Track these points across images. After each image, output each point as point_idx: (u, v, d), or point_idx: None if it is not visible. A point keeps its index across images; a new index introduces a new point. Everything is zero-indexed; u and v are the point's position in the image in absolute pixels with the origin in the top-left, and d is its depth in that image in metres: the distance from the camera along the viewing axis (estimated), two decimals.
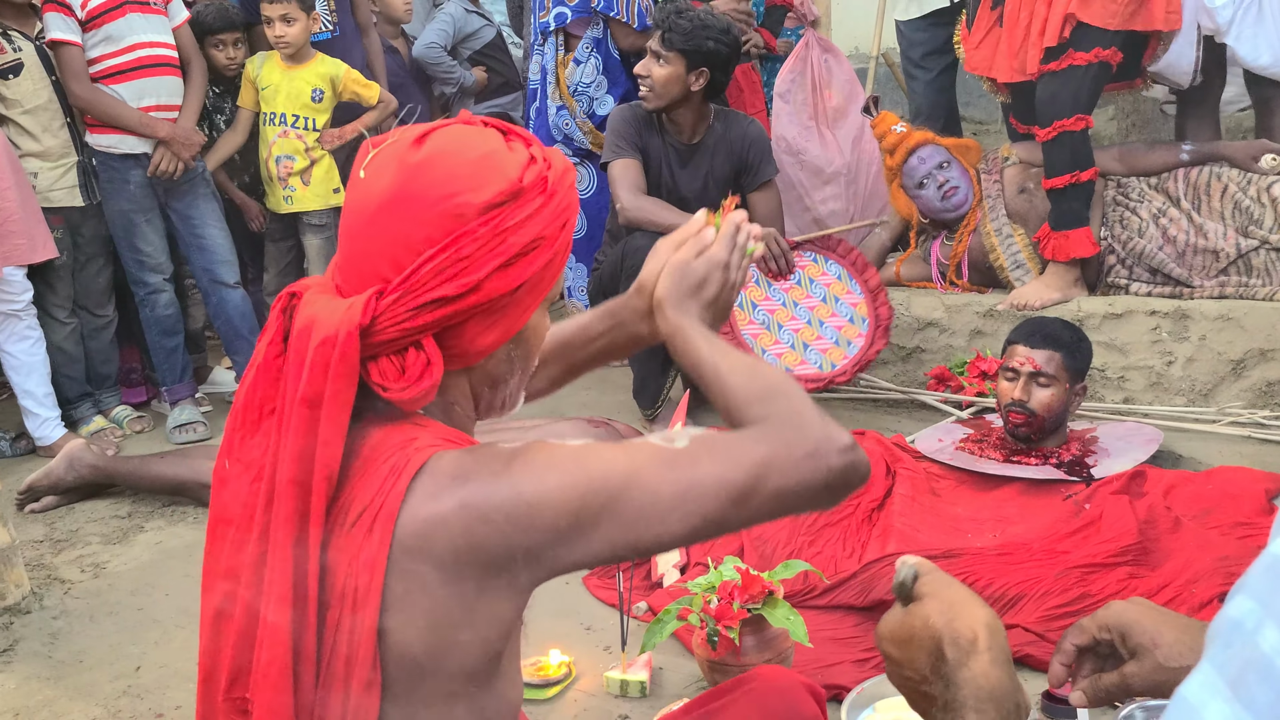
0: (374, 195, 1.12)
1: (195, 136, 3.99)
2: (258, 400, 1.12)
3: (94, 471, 3.44)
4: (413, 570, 1.04)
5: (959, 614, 0.93)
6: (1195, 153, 3.75)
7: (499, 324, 1.13)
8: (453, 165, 1.11)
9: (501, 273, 1.10)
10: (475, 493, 1.04)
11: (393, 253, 1.09)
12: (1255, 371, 3.35)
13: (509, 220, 1.10)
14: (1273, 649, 0.64)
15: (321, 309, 1.10)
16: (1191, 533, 2.56)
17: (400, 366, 1.09)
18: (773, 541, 2.66)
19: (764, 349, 3.47)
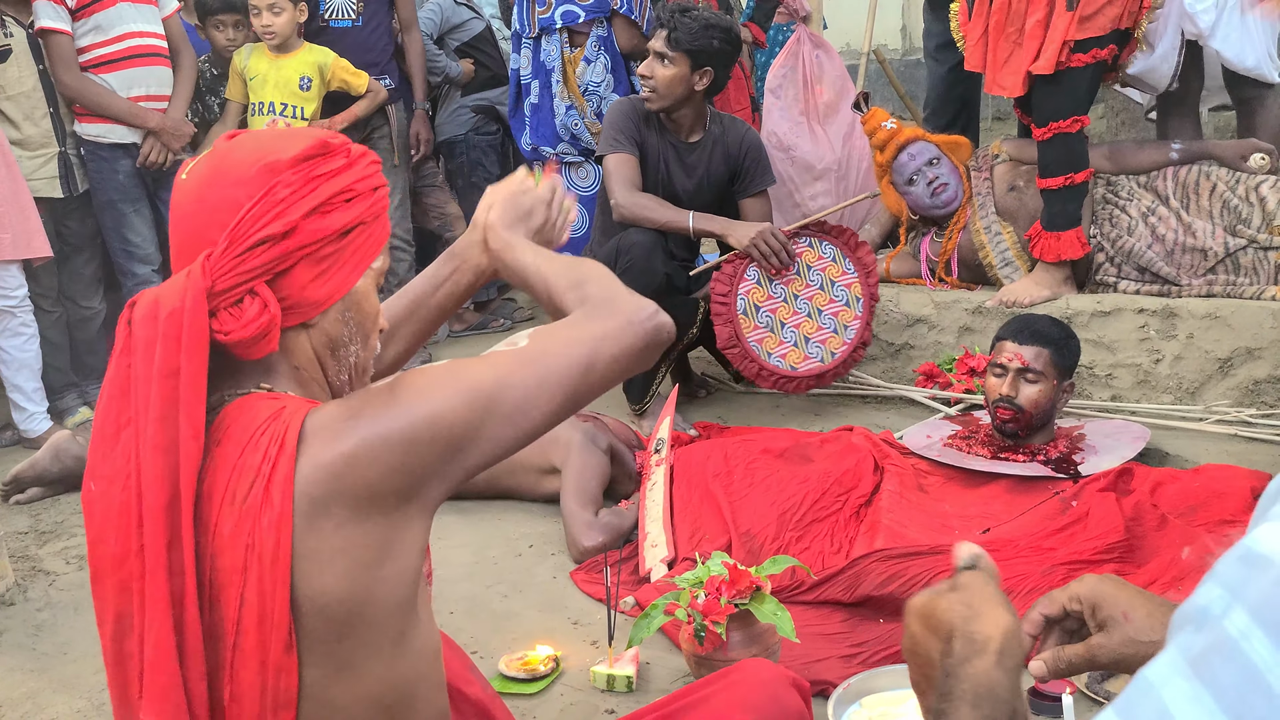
0: (196, 180, 1.20)
1: (184, 127, 3.97)
2: (114, 416, 1.14)
3: (79, 462, 3.42)
4: (325, 518, 1.09)
5: (982, 614, 0.93)
6: (1185, 151, 3.76)
7: (327, 276, 1.19)
8: (261, 139, 1.22)
9: (316, 216, 1.17)
10: (373, 425, 1.10)
11: (218, 219, 1.15)
12: (1242, 370, 3.36)
13: (318, 169, 1.18)
14: (1239, 633, 0.64)
15: (162, 291, 1.14)
16: (1177, 530, 2.56)
17: (238, 314, 1.14)
18: (760, 537, 2.67)
19: (769, 353, 3.49)
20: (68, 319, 4.07)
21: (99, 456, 1.15)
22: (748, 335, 3.47)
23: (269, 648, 1.09)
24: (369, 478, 1.09)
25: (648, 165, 3.60)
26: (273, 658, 1.09)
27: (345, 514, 1.09)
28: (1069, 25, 3.43)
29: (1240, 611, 0.65)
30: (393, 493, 1.11)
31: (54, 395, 4.00)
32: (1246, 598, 0.65)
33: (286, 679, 1.09)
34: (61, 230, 3.98)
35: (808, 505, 2.78)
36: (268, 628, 1.08)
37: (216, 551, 1.10)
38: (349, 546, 1.09)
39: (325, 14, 4.45)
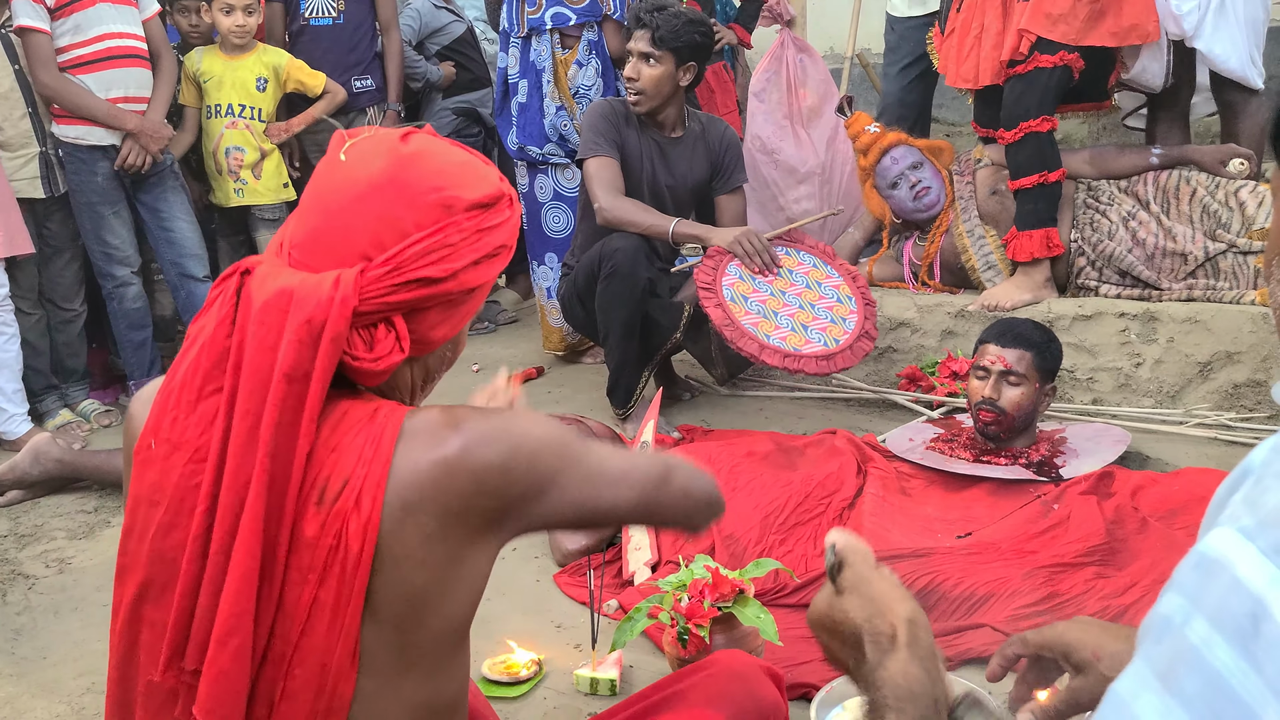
0: (361, 177, 1.15)
1: (163, 129, 3.95)
2: (199, 380, 1.11)
3: (60, 466, 3.40)
4: (413, 524, 1.08)
5: (879, 611, 0.94)
6: (1165, 156, 3.79)
7: (452, 318, 1.19)
8: (443, 163, 1.18)
9: (475, 268, 1.16)
10: (477, 438, 1.10)
11: (378, 232, 1.13)
12: (1222, 374, 3.39)
13: (489, 222, 1.17)
14: (1201, 641, 0.65)
15: (296, 283, 1.10)
16: (1158, 533, 2.58)
17: (369, 341, 1.12)
18: (744, 540, 2.67)
19: (767, 335, 3.32)
20: (48, 321, 4.04)
21: (169, 417, 1.12)
22: (742, 319, 3.33)
23: (334, 652, 1.08)
24: (463, 490, 1.09)
25: (630, 164, 3.59)
26: (335, 662, 1.08)
27: (432, 524, 1.08)
28: (1025, 14, 3.49)
29: (1199, 619, 0.66)
30: (479, 513, 1.11)
31: (34, 398, 3.97)
32: (1204, 605, 0.66)
33: (344, 685, 1.08)
34: (43, 231, 3.95)
35: (791, 508, 2.78)
36: (336, 632, 1.07)
37: (291, 548, 1.08)
38: (428, 557, 1.09)
39: (306, 12, 4.44)
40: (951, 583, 2.40)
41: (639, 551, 2.66)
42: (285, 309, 1.08)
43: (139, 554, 1.12)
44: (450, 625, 1.14)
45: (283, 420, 1.07)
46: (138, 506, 1.13)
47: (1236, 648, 0.64)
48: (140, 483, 1.13)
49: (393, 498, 1.07)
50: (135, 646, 1.13)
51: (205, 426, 1.10)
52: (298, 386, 1.07)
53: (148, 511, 1.12)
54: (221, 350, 1.11)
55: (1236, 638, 0.64)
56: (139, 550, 1.12)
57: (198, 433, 1.10)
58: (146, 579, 1.11)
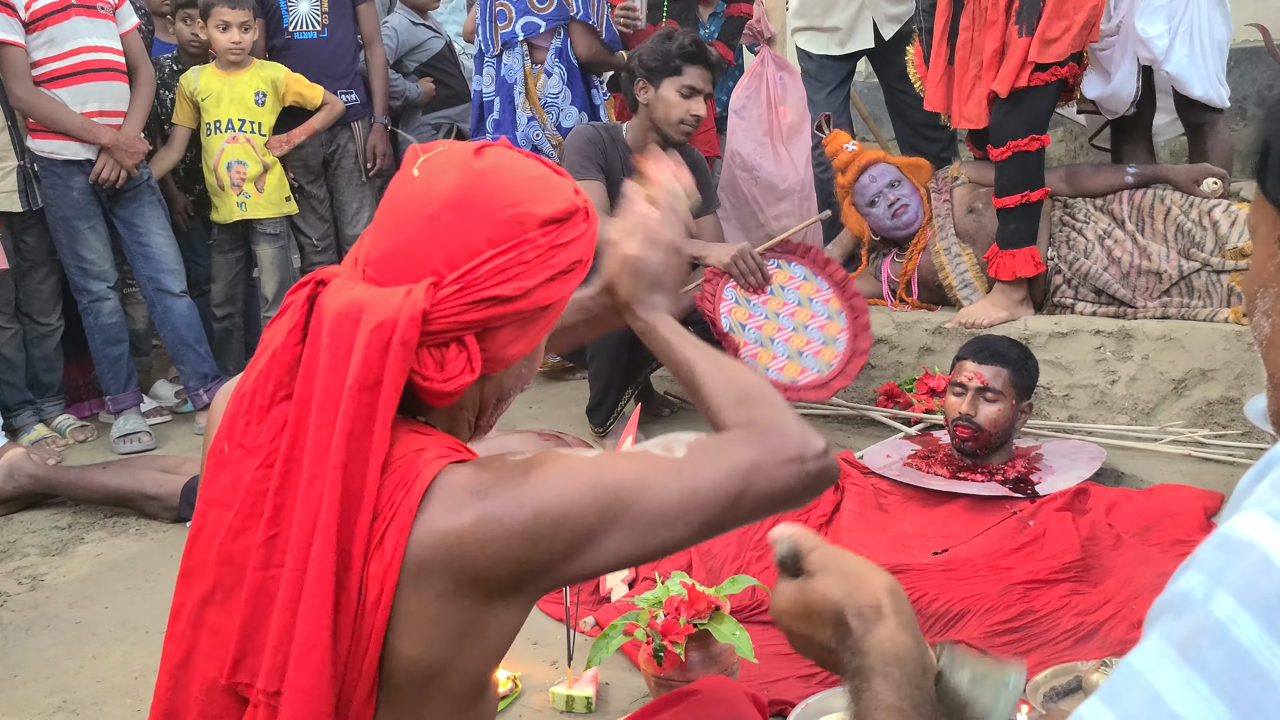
0: (435, 193, 1.14)
1: (139, 144, 3.93)
2: (270, 386, 1.11)
3: (34, 481, 3.38)
4: (428, 584, 1.05)
5: (859, 584, 0.94)
6: (1140, 175, 3.82)
7: (526, 335, 1.16)
8: (516, 178, 1.16)
9: (548, 285, 1.14)
10: (496, 508, 1.05)
11: (450, 249, 1.11)
12: (1196, 391, 3.41)
13: (563, 237, 1.15)
14: (1226, 616, 0.65)
15: (369, 296, 1.10)
16: (1132, 550, 2.59)
17: (439, 361, 1.11)
18: (720, 557, 2.67)
19: (766, 367, 3.45)
20: (25, 335, 4.01)
21: (242, 421, 1.11)
22: (741, 352, 3.42)
23: (354, 692, 1.06)
24: (480, 562, 1.05)
25: (613, 190, 3.60)
26: (354, 706, 1.06)
27: (448, 587, 1.05)
28: (1028, 49, 3.50)
29: (1225, 595, 0.66)
30: (500, 581, 1.06)
31: (9, 413, 3.94)
32: (1229, 582, 0.66)
33: None
34: (20, 245, 3.93)
35: (768, 524, 2.78)
36: (354, 673, 1.06)
37: None
38: (444, 617, 1.06)
39: (290, 26, 4.44)
40: (928, 599, 2.41)
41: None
42: (357, 319, 1.08)
43: (207, 557, 1.11)
44: (467, 682, 1.11)
45: (355, 430, 1.05)
46: (208, 509, 1.13)
47: (1264, 624, 0.64)
48: (212, 485, 1.13)
49: (412, 552, 1.04)
50: (194, 651, 1.11)
51: (276, 433, 1.10)
52: (369, 395, 1.06)
53: (218, 514, 1.11)
54: (293, 358, 1.11)
55: (1264, 615, 0.64)
56: (207, 553, 1.11)
57: (269, 438, 1.10)
58: (215, 582, 1.10)
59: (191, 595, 1.12)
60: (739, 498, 1.11)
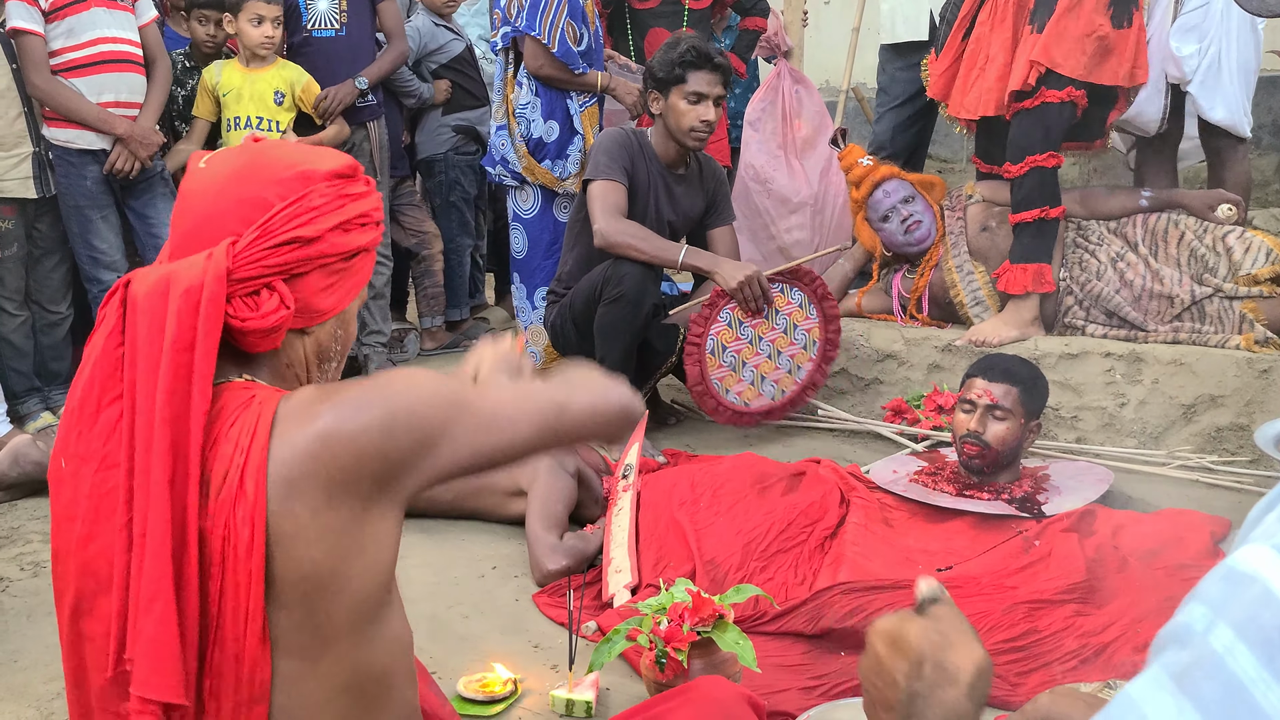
0: (220, 173, 1.23)
1: (154, 136, 3.94)
2: (96, 393, 1.13)
3: (38, 468, 3.38)
4: (299, 502, 1.09)
5: (955, 645, 0.94)
6: (1154, 199, 3.82)
7: (334, 290, 1.24)
8: (294, 149, 1.29)
9: (342, 231, 1.23)
10: (348, 408, 1.11)
11: (242, 211, 1.19)
12: (1205, 416, 3.40)
13: (349, 189, 1.25)
14: (1224, 648, 0.65)
15: (176, 268, 1.14)
16: (1138, 573, 2.58)
17: (254, 305, 1.16)
18: (725, 566, 2.66)
19: (727, 389, 3.58)
20: (34, 324, 4.02)
21: (73, 434, 1.14)
22: (712, 374, 3.55)
23: (245, 640, 1.08)
24: (344, 460, 1.10)
25: (638, 195, 3.61)
26: (248, 650, 1.08)
27: (319, 498, 1.09)
28: (1036, 47, 3.51)
29: (1224, 627, 0.66)
30: (367, 478, 1.11)
31: (15, 400, 3.94)
32: (1230, 614, 0.66)
33: (261, 671, 1.09)
34: (32, 232, 3.94)
35: (773, 535, 2.78)
36: (242, 619, 1.08)
37: (203, 539, 1.09)
38: (323, 532, 1.10)
39: (309, 24, 4.44)
40: None
41: (619, 574, 2.65)
42: (166, 290, 1.12)
43: (68, 573, 1.14)
44: (362, 596, 1.14)
45: (176, 388, 1.09)
46: (59, 527, 1.15)
47: (1262, 658, 0.64)
48: (57, 503, 1.16)
49: (275, 479, 1.09)
50: (83, 661, 1.14)
51: (109, 433, 1.12)
52: (186, 355, 1.10)
53: (68, 528, 1.14)
54: (114, 360, 1.13)
55: (1263, 649, 0.64)
56: (67, 569, 1.14)
57: (102, 442, 1.12)
58: (77, 593, 1.13)
59: (64, 612, 1.15)
60: (565, 405, 1.26)
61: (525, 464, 2.94)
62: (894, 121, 4.72)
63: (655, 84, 3.58)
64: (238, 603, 1.08)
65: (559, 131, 4.16)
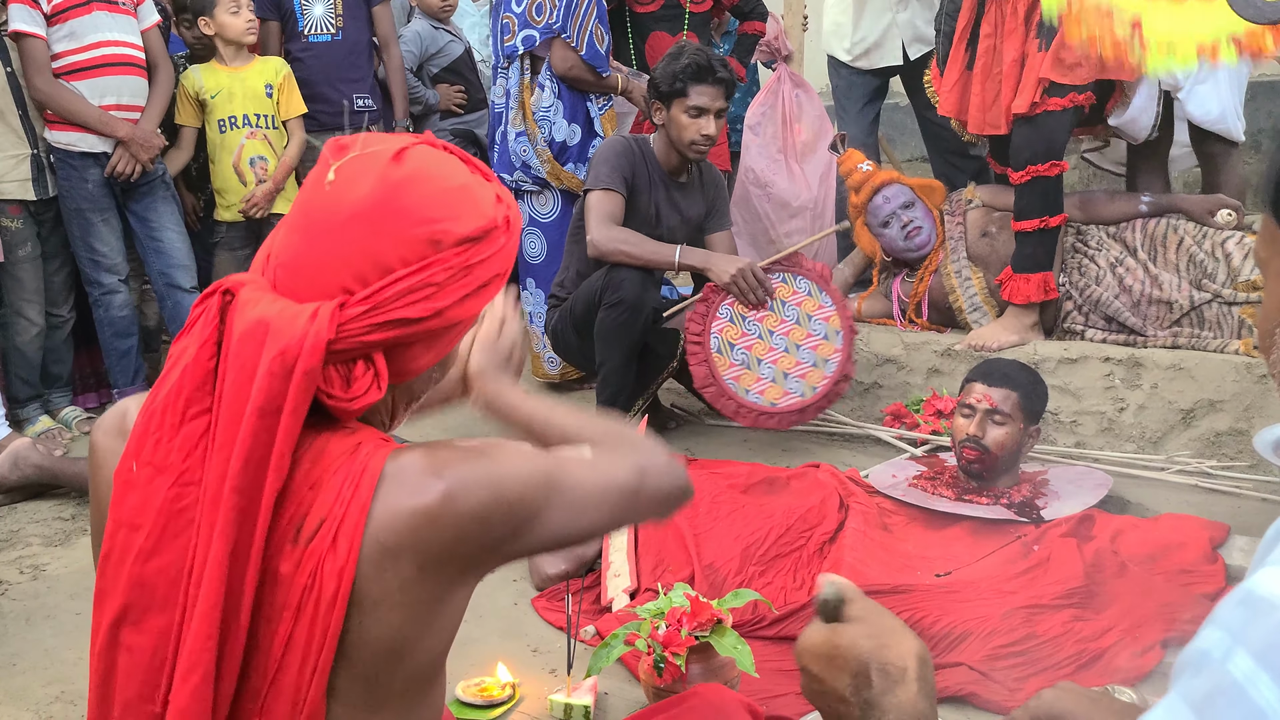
0: (346, 204, 1.10)
1: (155, 139, 3.95)
2: (182, 402, 1.08)
3: (39, 471, 3.38)
4: (391, 569, 1.05)
5: (890, 643, 0.93)
6: (1154, 204, 3.82)
7: (437, 347, 1.16)
8: (435, 190, 1.12)
9: (462, 303, 1.13)
10: (458, 487, 1.07)
11: (359, 265, 1.09)
12: (1204, 421, 3.40)
13: (478, 255, 1.13)
14: (1244, 676, 0.64)
15: (274, 314, 1.07)
16: (1137, 578, 2.58)
17: (346, 377, 1.10)
18: (723, 570, 2.66)
19: (746, 389, 3.45)
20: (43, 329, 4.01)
21: (151, 440, 1.09)
22: (723, 373, 3.44)
23: (307, 690, 1.06)
24: (446, 540, 1.07)
25: (639, 203, 3.61)
26: (309, 699, 1.06)
27: (411, 570, 1.06)
28: (1043, 64, 3.50)
29: (1243, 655, 0.65)
30: (460, 558, 1.09)
31: (16, 404, 3.95)
32: (1249, 641, 0.65)
33: (316, 718, 1.07)
34: (40, 231, 3.94)
35: (772, 540, 2.78)
36: (308, 670, 1.05)
37: (265, 583, 1.06)
38: (406, 601, 1.07)
39: (304, 29, 4.45)
40: (929, 620, 2.40)
41: (618, 578, 2.65)
42: (261, 341, 1.06)
43: (118, 578, 1.10)
44: (425, 662, 1.13)
45: (253, 456, 1.04)
46: (118, 530, 1.10)
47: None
48: (121, 507, 1.10)
49: (371, 542, 1.04)
50: (113, 670, 1.11)
51: (190, 450, 1.08)
52: (269, 421, 1.05)
53: (128, 536, 1.09)
54: (205, 373, 1.09)
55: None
56: (118, 575, 1.10)
57: (182, 457, 1.08)
58: (126, 604, 1.09)
59: (105, 617, 1.11)
60: (637, 493, 1.22)
61: None
62: (861, 124, 4.73)
63: (657, 95, 3.57)
64: (307, 655, 1.05)
65: (581, 134, 4.17)
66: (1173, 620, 2.38)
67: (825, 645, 0.95)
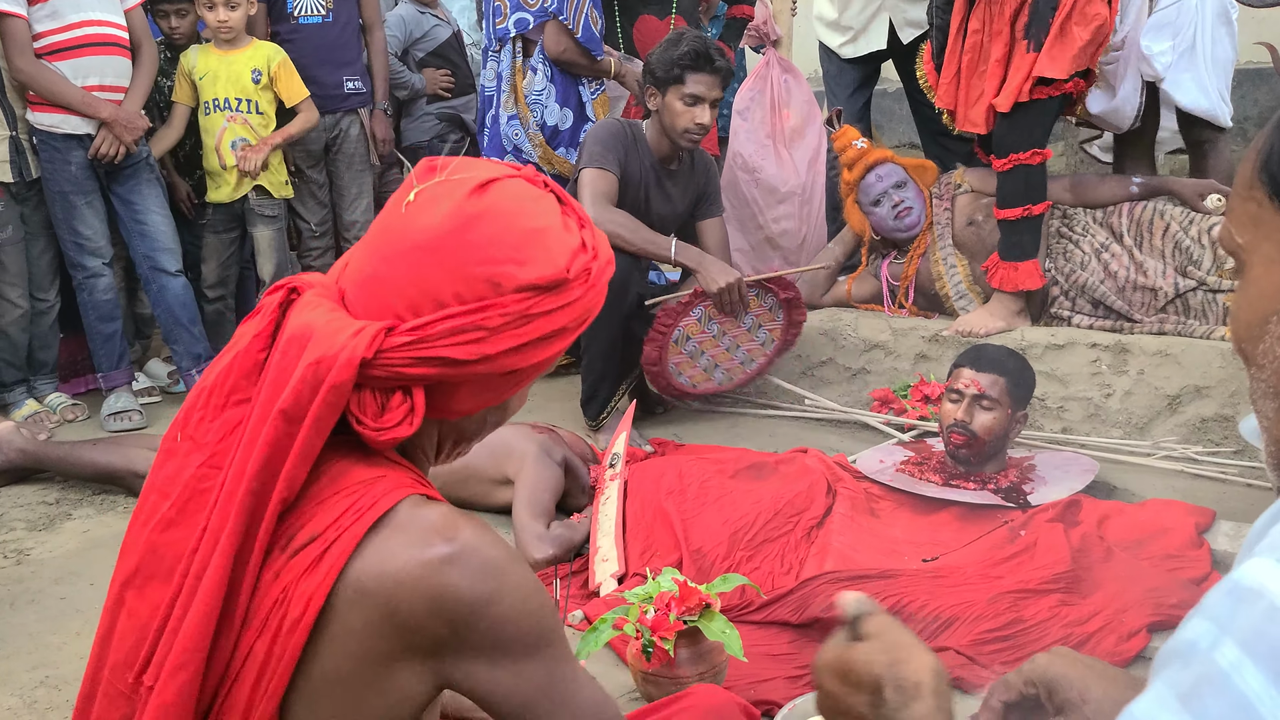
0: (416, 229, 1.08)
1: (139, 120, 3.91)
2: (228, 386, 1.09)
3: (23, 455, 3.36)
4: (359, 612, 1.02)
5: (905, 658, 0.92)
6: (1145, 186, 3.82)
7: (487, 394, 1.12)
8: (508, 229, 1.08)
9: (515, 353, 1.08)
10: (463, 562, 1.02)
11: (413, 294, 1.07)
12: (1190, 407, 3.41)
13: (541, 307, 1.07)
14: (1230, 665, 0.65)
15: (323, 322, 1.06)
16: (1123, 563, 2.59)
17: (381, 405, 1.07)
18: (711, 555, 2.66)
19: (680, 372, 3.65)
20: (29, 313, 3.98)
21: (196, 415, 1.10)
22: (670, 358, 3.59)
23: (257, 704, 1.04)
24: (419, 608, 1.01)
25: (629, 188, 3.60)
26: (259, 714, 1.04)
27: (376, 621, 1.02)
28: (1034, 63, 3.49)
29: (1230, 644, 0.65)
30: (426, 636, 1.03)
31: (2, 389, 3.92)
32: (1236, 630, 0.65)
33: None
34: (22, 213, 3.90)
35: (760, 525, 2.78)
36: (262, 685, 1.03)
37: (256, 593, 1.05)
38: (359, 652, 1.03)
39: (294, 10, 4.42)
40: (917, 605, 2.41)
41: (606, 563, 2.65)
42: (303, 346, 1.05)
43: (138, 540, 1.10)
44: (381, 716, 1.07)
45: (272, 460, 1.03)
46: (149, 494, 1.11)
47: (1268, 675, 0.63)
48: (158, 472, 1.11)
49: (353, 576, 1.01)
50: (113, 630, 1.11)
51: (226, 433, 1.08)
52: (292, 428, 1.03)
53: (156, 501, 1.10)
54: (254, 363, 1.09)
55: (1270, 665, 0.63)
56: (138, 537, 1.11)
57: (218, 438, 1.08)
58: (137, 566, 1.09)
59: (120, 575, 1.11)
60: None
61: (512, 452, 2.95)
62: (853, 109, 4.73)
63: (653, 81, 3.56)
64: (262, 673, 1.03)
65: (573, 119, 4.15)
66: (1158, 605, 2.39)
67: (840, 662, 0.95)
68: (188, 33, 4.31)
